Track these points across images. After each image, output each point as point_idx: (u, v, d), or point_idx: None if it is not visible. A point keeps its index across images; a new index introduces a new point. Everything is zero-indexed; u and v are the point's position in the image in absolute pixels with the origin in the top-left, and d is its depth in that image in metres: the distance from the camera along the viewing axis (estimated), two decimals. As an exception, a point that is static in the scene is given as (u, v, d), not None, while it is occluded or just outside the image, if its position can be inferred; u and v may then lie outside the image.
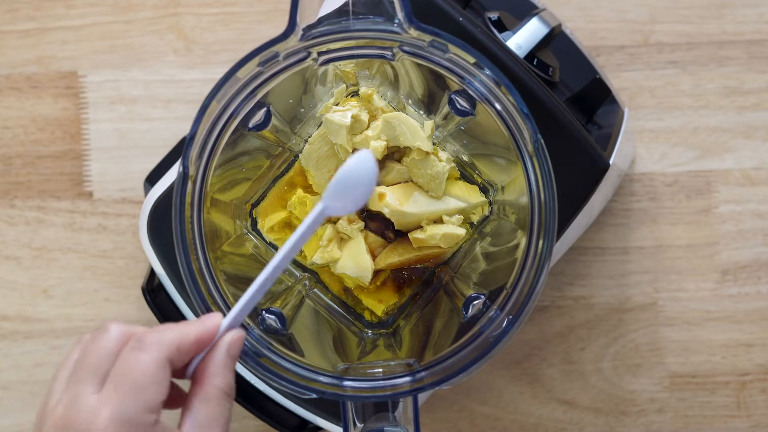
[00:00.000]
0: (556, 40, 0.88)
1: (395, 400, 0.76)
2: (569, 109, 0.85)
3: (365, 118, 0.82)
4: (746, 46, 0.99)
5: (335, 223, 0.83)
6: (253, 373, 0.76)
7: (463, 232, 0.83)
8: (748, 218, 0.99)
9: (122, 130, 1.00)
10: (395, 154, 0.84)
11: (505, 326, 0.75)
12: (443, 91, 0.80)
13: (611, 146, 0.87)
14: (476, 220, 0.84)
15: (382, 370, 0.78)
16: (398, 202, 0.82)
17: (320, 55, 0.77)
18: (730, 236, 0.99)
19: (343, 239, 0.83)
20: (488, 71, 0.75)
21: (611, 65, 0.99)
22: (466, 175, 0.84)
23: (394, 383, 0.75)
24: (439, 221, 0.83)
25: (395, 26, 0.75)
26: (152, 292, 0.90)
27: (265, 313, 0.80)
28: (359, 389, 0.75)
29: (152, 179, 0.91)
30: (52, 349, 0.99)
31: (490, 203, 0.84)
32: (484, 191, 0.84)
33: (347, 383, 0.76)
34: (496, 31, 0.85)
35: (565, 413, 0.99)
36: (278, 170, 0.85)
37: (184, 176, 0.75)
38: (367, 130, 0.82)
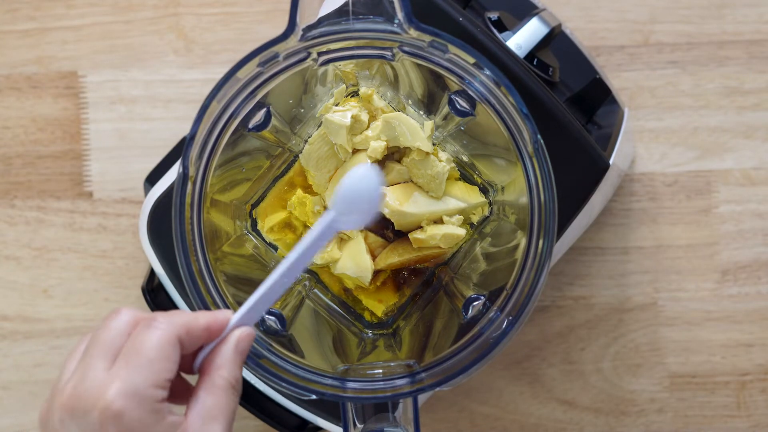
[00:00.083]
0: (556, 40, 0.88)
1: (395, 400, 0.76)
2: (569, 109, 0.85)
3: (365, 118, 0.82)
4: (746, 46, 0.99)
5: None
6: (253, 374, 0.76)
7: (463, 232, 0.83)
8: (748, 218, 0.99)
9: (122, 130, 0.99)
10: (395, 154, 0.83)
11: (505, 327, 0.75)
12: (443, 91, 0.80)
13: (611, 146, 0.87)
14: (476, 220, 0.84)
15: (382, 370, 0.78)
16: (398, 202, 0.82)
17: (320, 55, 0.77)
18: (730, 236, 0.99)
19: (342, 239, 0.83)
20: (488, 71, 0.75)
21: (611, 65, 0.99)
22: (466, 175, 0.84)
23: (394, 384, 0.75)
24: (439, 221, 0.83)
25: (395, 26, 0.75)
26: (152, 292, 0.90)
27: (264, 314, 0.80)
28: (359, 390, 0.75)
29: (152, 179, 0.91)
30: (52, 349, 0.99)
31: (490, 203, 0.84)
32: (484, 191, 0.84)
33: (347, 384, 0.76)
34: (496, 31, 0.85)
35: (565, 413, 0.99)
36: (278, 170, 0.84)
37: (184, 177, 0.75)
38: (367, 130, 0.82)
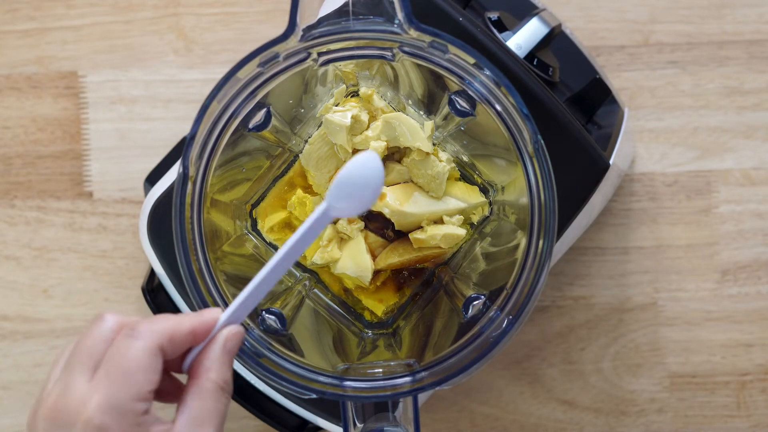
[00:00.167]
0: (556, 40, 0.88)
1: (395, 400, 0.76)
2: (569, 109, 0.85)
3: (365, 118, 0.82)
4: (746, 46, 0.99)
5: (335, 223, 0.83)
6: (253, 373, 0.76)
7: (463, 232, 0.83)
8: (748, 218, 0.99)
9: (122, 130, 0.99)
10: (395, 154, 0.83)
11: (505, 326, 0.75)
12: (443, 91, 0.80)
13: (611, 146, 0.87)
14: (476, 220, 0.84)
15: (382, 370, 0.77)
16: (398, 202, 0.82)
17: (320, 55, 0.77)
18: (730, 236, 0.99)
19: (343, 239, 0.83)
20: (488, 72, 0.75)
21: (611, 65, 0.99)
22: (466, 175, 0.84)
23: (394, 383, 0.75)
24: (439, 221, 0.83)
25: (395, 27, 0.75)
26: (152, 292, 0.90)
27: (265, 313, 0.80)
28: (359, 389, 0.75)
29: (152, 179, 0.91)
30: (52, 349, 0.99)
31: (490, 203, 0.84)
32: (484, 192, 0.84)
33: (347, 383, 0.75)
34: (496, 31, 0.85)
35: (565, 413, 0.99)
36: (278, 171, 0.84)
37: (184, 177, 0.75)
38: (367, 130, 0.82)
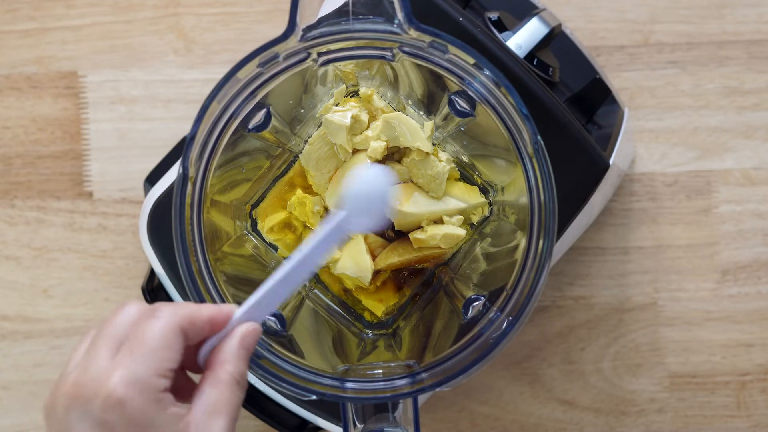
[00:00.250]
0: (556, 40, 0.88)
1: (395, 401, 0.76)
2: (569, 109, 0.85)
3: (365, 118, 0.82)
4: (746, 46, 0.99)
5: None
6: (253, 374, 0.76)
7: (463, 232, 0.83)
8: (748, 218, 0.99)
9: (122, 130, 0.99)
10: (395, 154, 0.83)
11: (505, 327, 0.75)
12: (443, 91, 0.80)
13: (611, 146, 0.87)
14: (476, 220, 0.84)
15: (382, 371, 0.77)
16: (398, 202, 0.82)
17: (320, 55, 0.77)
18: (730, 236, 0.99)
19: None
20: (488, 72, 0.75)
21: (611, 65, 0.99)
22: (466, 175, 0.84)
23: (394, 384, 0.75)
24: (439, 222, 0.83)
25: (395, 27, 0.75)
26: (152, 292, 0.90)
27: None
28: (359, 390, 0.75)
29: (152, 179, 0.91)
30: (52, 349, 0.99)
31: (490, 204, 0.84)
32: (484, 192, 0.84)
33: (347, 384, 0.75)
34: (496, 31, 0.85)
35: (565, 413, 0.99)
36: (278, 171, 0.84)
37: (184, 177, 0.75)
38: (367, 130, 0.82)
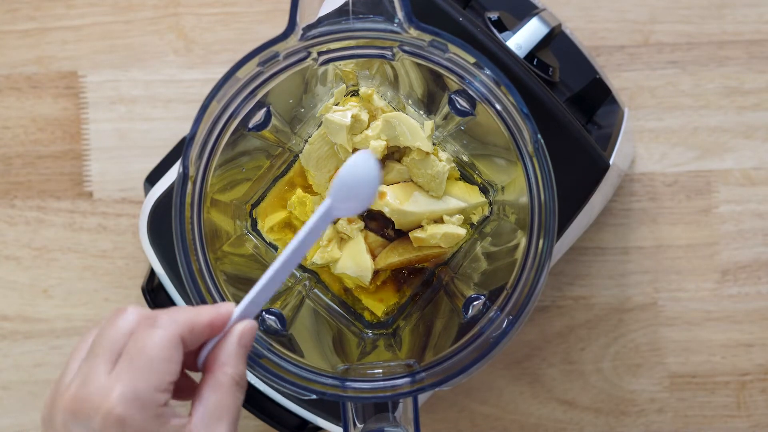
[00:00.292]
0: (556, 40, 0.88)
1: (395, 400, 0.76)
2: (569, 109, 0.85)
3: (365, 118, 0.82)
4: (746, 46, 0.99)
5: (335, 223, 0.83)
6: (253, 374, 0.76)
7: (463, 232, 0.83)
8: (748, 218, 0.99)
9: (122, 130, 0.99)
10: (395, 153, 0.83)
11: (505, 327, 0.75)
12: (443, 91, 0.80)
13: (611, 146, 0.87)
14: (476, 220, 0.84)
15: (382, 370, 0.77)
16: (398, 201, 0.82)
17: (320, 55, 0.77)
18: (730, 236, 0.99)
19: (343, 239, 0.83)
20: (488, 71, 0.75)
21: (611, 65, 0.99)
22: (466, 175, 0.84)
23: (394, 384, 0.75)
24: (439, 221, 0.83)
25: (395, 26, 0.75)
26: (152, 292, 0.90)
27: (265, 314, 0.80)
28: (359, 390, 0.75)
29: (152, 179, 0.91)
30: (52, 349, 0.99)
31: (490, 203, 0.84)
32: (484, 191, 0.84)
33: (347, 384, 0.75)
34: (496, 31, 0.85)
35: (565, 413, 0.99)
36: (278, 170, 0.84)
37: (184, 176, 0.75)
38: (367, 130, 0.82)
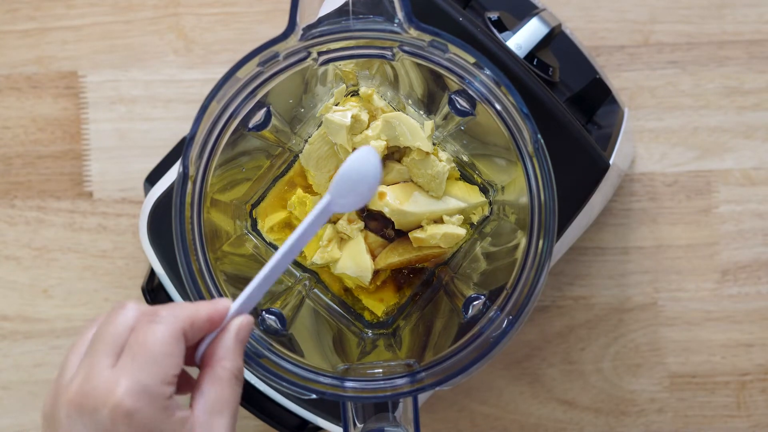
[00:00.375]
0: (556, 40, 0.88)
1: (395, 400, 0.76)
2: (569, 109, 0.85)
3: (365, 118, 0.82)
4: (746, 46, 0.99)
5: (335, 223, 0.83)
6: (253, 373, 0.76)
7: (463, 232, 0.83)
8: (748, 218, 0.99)
9: (122, 130, 0.99)
10: (395, 154, 0.83)
11: (505, 327, 0.75)
12: (443, 91, 0.80)
13: (611, 146, 0.87)
14: (476, 220, 0.84)
15: (382, 370, 0.77)
16: (398, 201, 0.82)
17: (320, 55, 0.77)
18: (730, 236, 0.99)
19: (343, 239, 0.83)
20: (488, 71, 0.75)
21: (611, 65, 0.99)
22: (466, 175, 0.84)
23: (394, 384, 0.75)
24: (439, 221, 0.83)
25: (395, 26, 0.75)
26: (152, 292, 0.90)
27: (265, 313, 0.80)
28: (359, 390, 0.75)
29: (152, 179, 0.91)
30: (52, 349, 0.99)
31: (490, 203, 0.84)
32: (484, 191, 0.84)
33: (347, 384, 0.75)
34: (496, 31, 0.85)
35: (565, 413, 0.99)
36: (278, 170, 0.84)
37: (184, 176, 0.75)
38: (367, 130, 0.82)
